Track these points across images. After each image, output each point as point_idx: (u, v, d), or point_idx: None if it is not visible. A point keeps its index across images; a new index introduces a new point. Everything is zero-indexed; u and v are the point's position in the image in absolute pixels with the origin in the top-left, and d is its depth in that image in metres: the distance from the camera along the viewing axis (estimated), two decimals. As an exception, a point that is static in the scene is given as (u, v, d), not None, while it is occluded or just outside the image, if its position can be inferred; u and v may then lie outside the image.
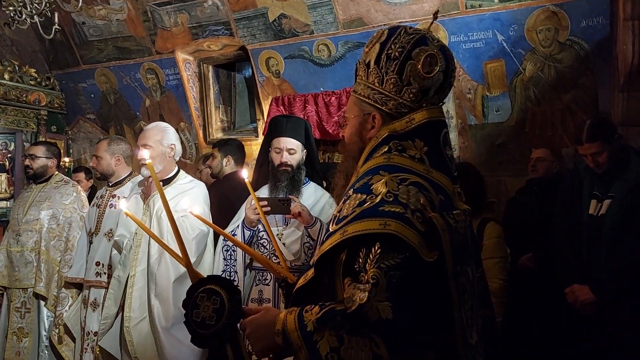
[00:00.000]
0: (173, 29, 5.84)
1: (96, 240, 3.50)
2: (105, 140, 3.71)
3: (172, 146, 3.22)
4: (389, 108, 1.45)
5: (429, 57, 1.41)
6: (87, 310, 3.38)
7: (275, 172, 2.99)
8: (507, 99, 4.63)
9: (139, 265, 3.09)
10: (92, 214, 3.64)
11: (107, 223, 3.49)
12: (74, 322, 3.52)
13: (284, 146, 2.99)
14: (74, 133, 7.37)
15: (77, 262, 3.64)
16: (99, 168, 3.65)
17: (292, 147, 3.00)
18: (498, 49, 4.51)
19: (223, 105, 6.51)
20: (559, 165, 4.04)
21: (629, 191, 2.82)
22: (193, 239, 3.00)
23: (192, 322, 1.46)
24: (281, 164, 2.98)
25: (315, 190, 3.11)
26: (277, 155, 3.00)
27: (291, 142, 3.00)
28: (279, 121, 3.13)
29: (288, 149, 2.99)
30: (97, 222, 3.54)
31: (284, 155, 2.98)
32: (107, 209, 3.55)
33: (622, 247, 2.81)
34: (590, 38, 4.20)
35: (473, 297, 1.42)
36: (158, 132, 3.22)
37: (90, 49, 6.48)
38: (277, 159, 3.00)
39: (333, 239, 1.31)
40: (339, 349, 1.21)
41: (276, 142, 3.02)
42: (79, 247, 3.71)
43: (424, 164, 1.41)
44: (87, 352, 3.31)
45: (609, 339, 2.85)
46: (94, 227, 3.56)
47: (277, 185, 2.97)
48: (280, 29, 5.28)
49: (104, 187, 3.80)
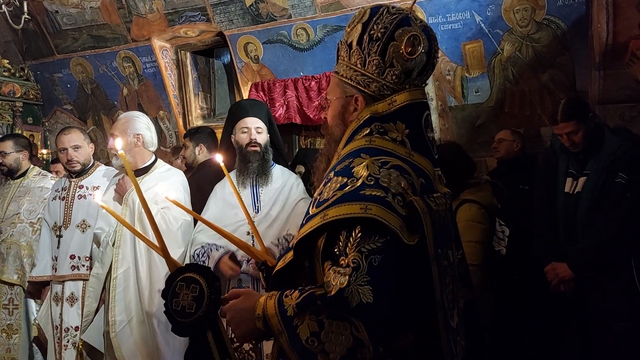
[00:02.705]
0: (148, 15, 5.75)
1: (67, 233, 3.43)
2: (77, 130, 3.62)
3: (139, 136, 3.12)
4: (371, 90, 1.43)
5: (412, 38, 1.39)
6: (63, 306, 3.34)
7: (245, 153, 2.94)
8: (486, 80, 4.66)
9: (121, 267, 2.98)
10: (55, 208, 3.54)
11: (78, 215, 3.43)
12: (45, 322, 3.46)
13: (251, 125, 2.95)
14: (51, 124, 7.24)
15: (41, 260, 3.56)
16: (81, 159, 3.55)
17: (258, 125, 2.97)
18: (476, 29, 4.52)
19: (202, 92, 6.44)
20: (520, 145, 4.12)
21: (603, 169, 2.87)
22: (178, 229, 2.97)
23: (171, 311, 1.46)
24: (250, 142, 2.92)
25: (282, 171, 3.09)
26: (245, 135, 2.95)
27: (257, 121, 2.98)
28: (241, 104, 3.11)
29: (255, 128, 2.95)
30: (65, 214, 3.47)
31: (252, 133, 2.94)
32: (76, 200, 3.49)
33: (597, 223, 2.86)
34: (566, 17, 4.22)
35: (454, 279, 1.43)
36: (125, 121, 3.15)
37: (65, 38, 6.35)
38: (245, 139, 2.95)
39: (313, 222, 1.31)
40: (319, 334, 1.22)
41: (242, 123, 2.98)
42: (41, 244, 3.61)
43: (405, 147, 1.40)
44: (69, 349, 3.27)
45: (587, 316, 2.92)
46: (61, 221, 3.48)
47: (248, 166, 2.92)
48: (258, 13, 5.22)
49: (62, 179, 3.71)
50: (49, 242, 3.55)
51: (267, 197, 2.96)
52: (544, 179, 3.16)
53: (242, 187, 2.95)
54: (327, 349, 1.20)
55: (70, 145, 3.50)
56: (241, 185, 2.95)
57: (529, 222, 3.24)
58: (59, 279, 3.39)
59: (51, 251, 3.52)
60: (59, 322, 3.37)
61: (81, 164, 3.56)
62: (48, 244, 3.55)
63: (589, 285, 2.89)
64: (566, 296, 2.97)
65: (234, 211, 2.87)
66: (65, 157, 3.52)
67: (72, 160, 3.51)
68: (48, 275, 3.49)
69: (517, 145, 4.11)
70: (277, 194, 2.98)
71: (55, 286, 3.43)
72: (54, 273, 3.45)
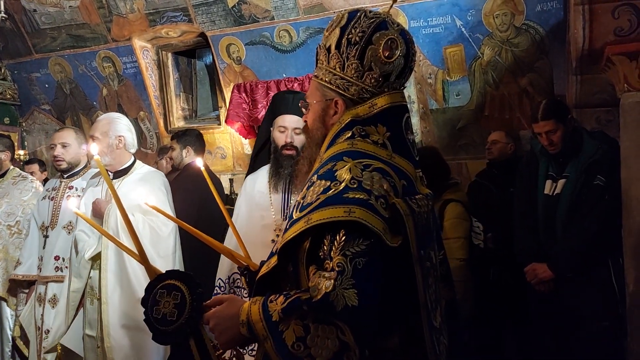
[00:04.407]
0: (129, 15, 5.68)
1: (53, 234, 3.39)
2: (71, 129, 3.58)
3: (121, 138, 3.08)
4: (351, 93, 1.44)
5: (390, 42, 1.41)
6: (45, 307, 3.29)
7: (278, 156, 2.69)
8: (466, 83, 4.70)
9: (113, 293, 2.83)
10: (44, 207, 3.51)
11: (65, 216, 3.39)
12: (27, 322, 3.41)
13: (289, 125, 2.67)
14: (29, 125, 7.11)
15: (27, 259, 3.50)
16: (67, 157, 3.49)
17: (298, 126, 2.65)
18: (457, 34, 4.57)
19: (184, 93, 6.39)
20: (514, 147, 4.17)
21: (582, 171, 2.94)
22: (169, 235, 2.92)
23: (152, 319, 1.43)
24: (286, 144, 2.66)
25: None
26: (282, 135, 2.68)
27: (298, 120, 2.64)
28: (284, 97, 2.80)
29: (294, 128, 2.67)
30: (53, 215, 3.43)
31: (289, 135, 2.66)
32: (65, 201, 3.44)
33: (576, 224, 2.92)
34: (545, 22, 4.30)
35: (436, 280, 1.45)
36: (106, 123, 3.09)
37: (43, 38, 6.25)
38: (281, 139, 2.67)
39: (297, 226, 1.31)
40: (305, 338, 1.22)
41: (280, 120, 2.69)
42: (28, 243, 3.56)
43: (387, 149, 1.42)
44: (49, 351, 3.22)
45: (566, 315, 2.97)
46: (48, 221, 3.44)
47: (280, 172, 2.68)
48: (240, 14, 5.21)
49: (54, 179, 3.66)
50: (37, 241, 3.49)
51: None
52: (524, 181, 3.22)
53: (274, 191, 2.71)
54: (314, 354, 1.21)
55: (59, 141, 3.46)
56: (273, 188, 2.71)
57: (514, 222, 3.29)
58: (43, 279, 3.35)
59: (38, 251, 3.47)
60: (40, 324, 3.32)
61: (67, 163, 3.50)
62: (36, 243, 3.50)
63: (568, 285, 2.94)
64: (545, 296, 3.02)
65: (261, 213, 2.68)
66: (52, 154, 3.49)
67: (57, 157, 3.46)
68: (34, 274, 3.44)
69: (510, 148, 4.14)
70: None
71: (40, 287, 3.38)
72: (39, 273, 3.40)
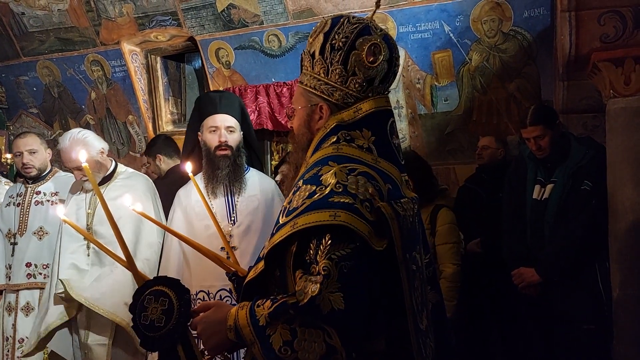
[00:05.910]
0: (118, 19, 5.67)
1: (22, 240, 3.34)
2: (34, 135, 3.53)
3: (102, 150, 3.07)
4: (335, 99, 1.45)
5: (373, 47, 1.42)
6: (17, 315, 3.24)
7: (213, 158, 2.52)
8: (454, 89, 4.74)
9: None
10: (9, 214, 3.44)
11: (35, 221, 3.34)
12: None
13: (221, 124, 2.53)
14: (16, 128, 7.04)
15: None
16: (37, 164, 3.44)
17: (230, 124, 2.54)
18: (445, 39, 4.60)
19: (173, 97, 6.37)
20: (504, 152, 4.19)
21: (570, 176, 2.97)
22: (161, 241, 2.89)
23: (140, 325, 1.43)
24: (220, 145, 2.50)
25: (260, 179, 2.70)
26: (213, 135, 2.52)
27: (228, 119, 2.55)
28: (211, 97, 2.64)
29: (226, 127, 2.53)
30: (21, 221, 3.37)
31: (222, 134, 2.51)
32: (33, 207, 3.39)
33: (563, 229, 2.95)
34: (532, 28, 4.34)
35: (422, 283, 1.45)
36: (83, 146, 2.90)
37: (31, 41, 6.20)
38: (213, 140, 2.51)
39: (283, 231, 1.31)
40: (292, 342, 1.22)
41: (210, 121, 2.54)
42: None
43: (372, 154, 1.43)
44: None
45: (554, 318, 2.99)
46: (15, 228, 3.38)
47: (216, 174, 2.51)
48: (230, 19, 5.21)
49: (17, 184, 3.60)
50: (3, 249, 3.42)
51: (244, 207, 2.58)
52: (513, 186, 3.24)
53: (213, 195, 2.55)
54: (301, 357, 1.22)
55: (25, 149, 3.41)
56: (211, 194, 2.55)
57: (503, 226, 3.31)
58: (12, 287, 3.29)
59: (5, 259, 3.39)
60: (11, 333, 3.25)
61: (37, 169, 3.46)
62: (2, 252, 3.42)
63: (556, 288, 2.96)
64: (533, 299, 3.04)
65: (204, 222, 2.49)
66: (21, 161, 3.42)
67: (27, 164, 3.41)
68: (2, 284, 3.36)
69: (500, 153, 4.17)
70: (256, 203, 2.60)
71: (9, 295, 3.31)
72: (7, 282, 3.33)
